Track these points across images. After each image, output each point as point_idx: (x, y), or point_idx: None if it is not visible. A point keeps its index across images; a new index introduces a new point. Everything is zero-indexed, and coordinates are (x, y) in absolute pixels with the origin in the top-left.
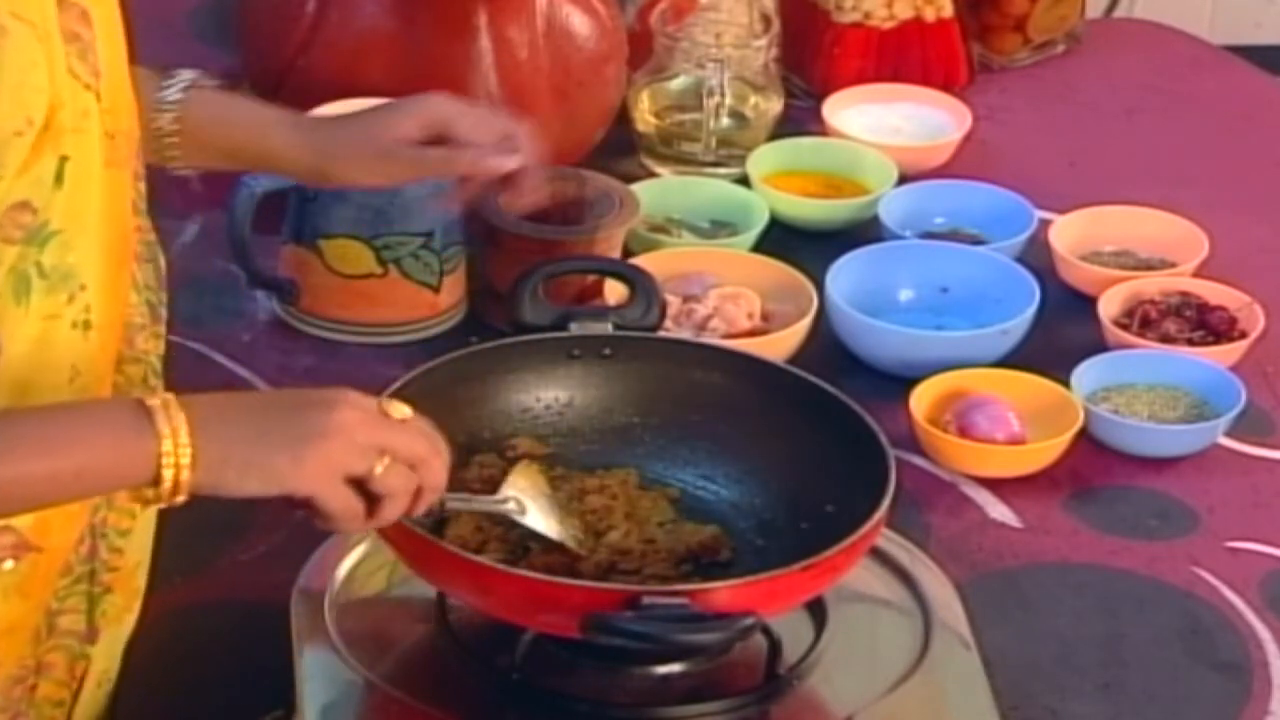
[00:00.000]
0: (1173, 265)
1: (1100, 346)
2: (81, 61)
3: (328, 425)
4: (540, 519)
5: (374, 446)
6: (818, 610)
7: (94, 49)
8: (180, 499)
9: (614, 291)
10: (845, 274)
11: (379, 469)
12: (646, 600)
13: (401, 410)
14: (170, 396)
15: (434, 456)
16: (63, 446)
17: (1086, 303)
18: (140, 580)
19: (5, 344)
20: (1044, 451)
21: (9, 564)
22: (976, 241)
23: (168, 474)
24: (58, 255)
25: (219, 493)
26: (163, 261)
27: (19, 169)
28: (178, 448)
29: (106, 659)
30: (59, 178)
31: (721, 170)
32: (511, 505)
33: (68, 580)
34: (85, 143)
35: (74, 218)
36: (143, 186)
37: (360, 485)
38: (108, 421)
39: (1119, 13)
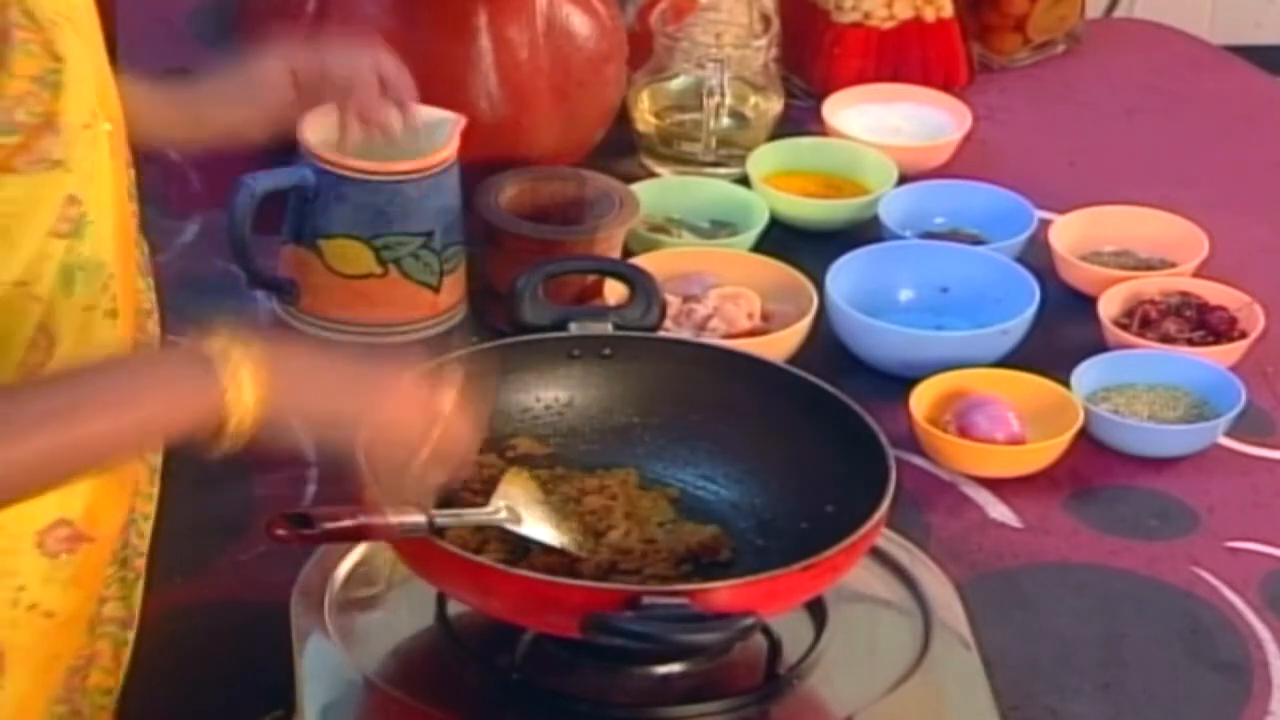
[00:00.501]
0: (1173, 265)
1: (1100, 346)
2: None
3: (383, 375)
4: (536, 526)
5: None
6: (818, 610)
7: (92, 42)
8: (239, 445)
9: (614, 291)
10: (845, 274)
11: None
12: (646, 600)
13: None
14: (228, 342)
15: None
16: (129, 403)
17: (1086, 303)
18: None
19: (59, 337)
20: (1044, 451)
21: (64, 557)
22: (976, 241)
23: (233, 422)
24: (92, 246)
25: (273, 440)
26: (146, 247)
27: (114, 150)
28: (242, 397)
29: (134, 645)
30: (92, 170)
31: (721, 170)
32: (504, 515)
33: (113, 568)
34: (99, 134)
35: (98, 207)
36: (133, 173)
37: None
38: (170, 374)
39: (1119, 13)
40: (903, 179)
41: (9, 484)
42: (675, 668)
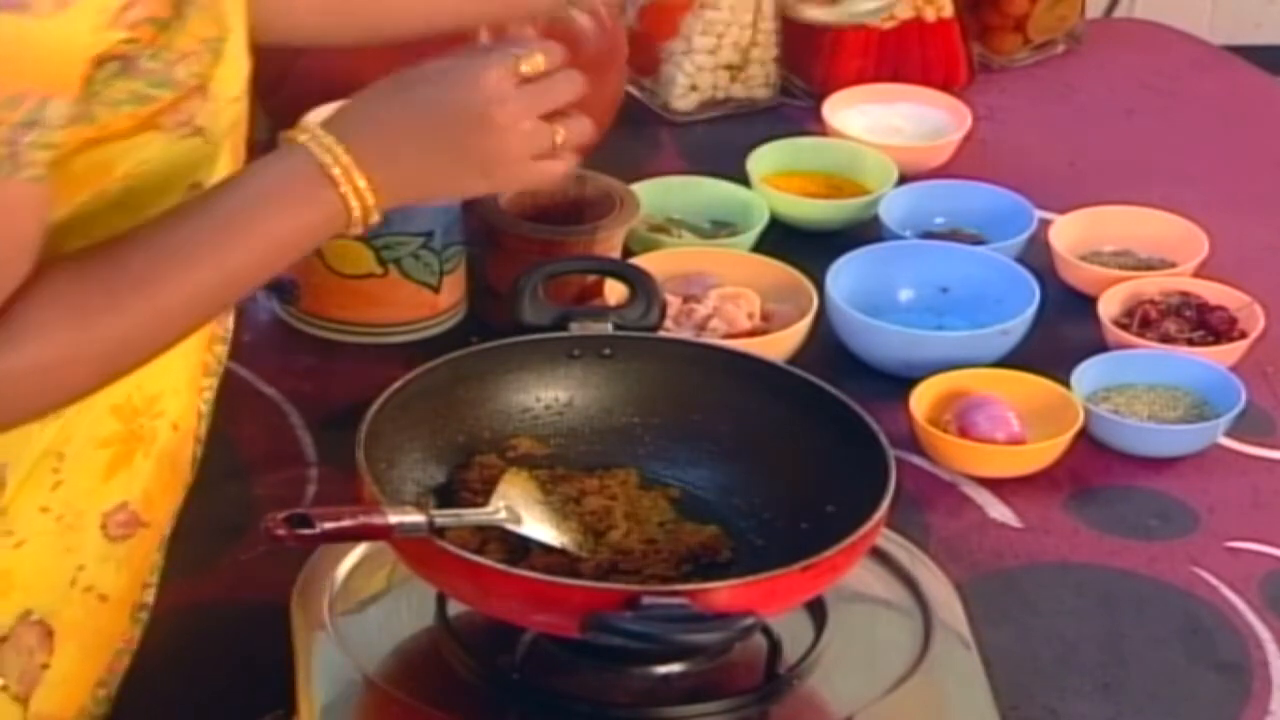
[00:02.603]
0: (1173, 265)
1: (1100, 346)
2: None
3: (495, 135)
4: (536, 526)
5: (543, 121)
6: (818, 610)
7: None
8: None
9: (614, 291)
10: (845, 274)
11: (559, 137)
12: (646, 600)
13: (534, 63)
14: (331, 142)
15: (573, 93)
16: (253, 229)
17: (1086, 303)
18: None
19: None
20: (1044, 451)
21: (122, 541)
22: (976, 241)
23: (355, 229)
24: None
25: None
26: None
27: (235, 141)
28: (360, 196)
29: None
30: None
31: None
32: (504, 515)
33: (158, 555)
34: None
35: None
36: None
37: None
38: (289, 192)
39: (1119, 13)
40: (903, 179)
41: (161, 332)
42: (675, 668)
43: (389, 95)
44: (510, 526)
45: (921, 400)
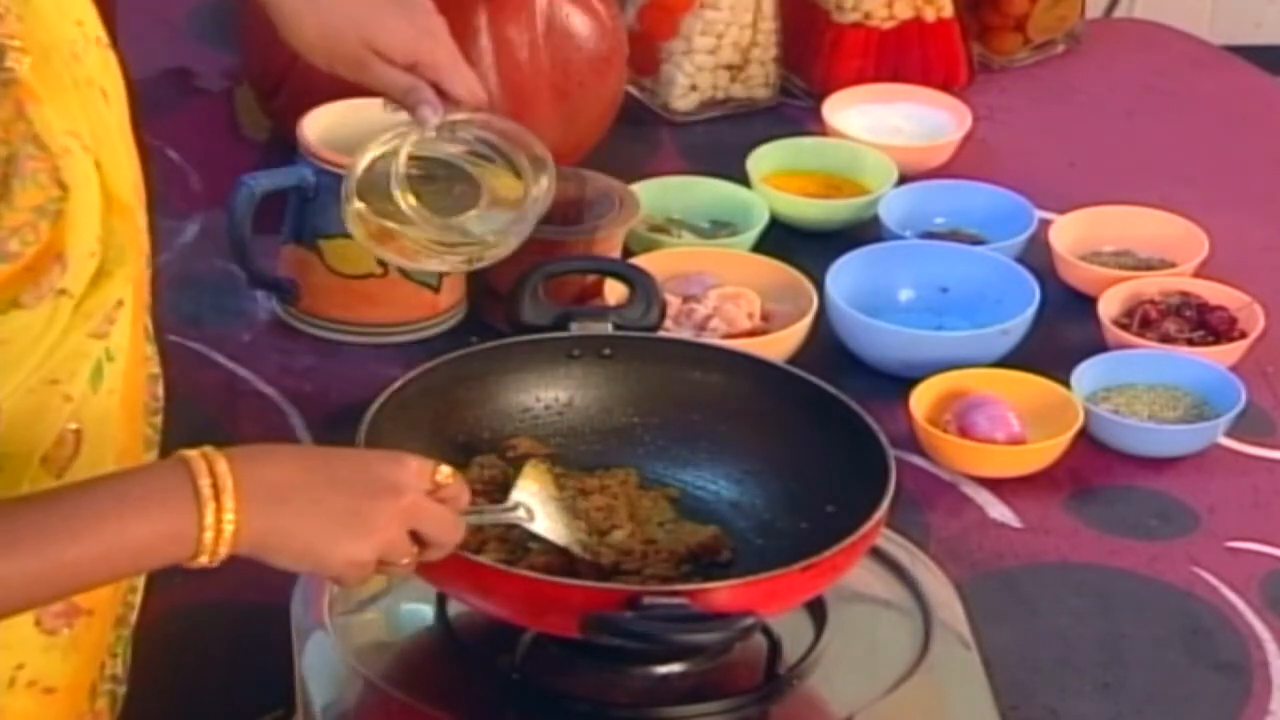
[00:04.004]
0: (1173, 265)
1: (1100, 346)
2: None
3: (380, 523)
4: (548, 524)
5: (410, 536)
6: (818, 610)
7: (106, 123)
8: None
9: (614, 291)
10: (845, 274)
11: (405, 560)
12: (646, 600)
13: (444, 474)
14: (222, 467)
15: (449, 547)
16: (106, 532)
17: (1086, 303)
18: None
19: (86, 432)
20: (1044, 451)
21: (64, 632)
22: (976, 241)
23: (203, 558)
24: (119, 335)
25: (254, 558)
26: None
27: (125, 273)
28: (220, 525)
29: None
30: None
31: None
32: (521, 513)
33: (113, 632)
34: (134, 222)
35: (128, 296)
36: (146, 239)
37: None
38: (154, 504)
39: (1119, 13)
40: (903, 179)
41: None
42: (675, 668)
43: (303, 448)
44: (525, 525)
45: (921, 400)
